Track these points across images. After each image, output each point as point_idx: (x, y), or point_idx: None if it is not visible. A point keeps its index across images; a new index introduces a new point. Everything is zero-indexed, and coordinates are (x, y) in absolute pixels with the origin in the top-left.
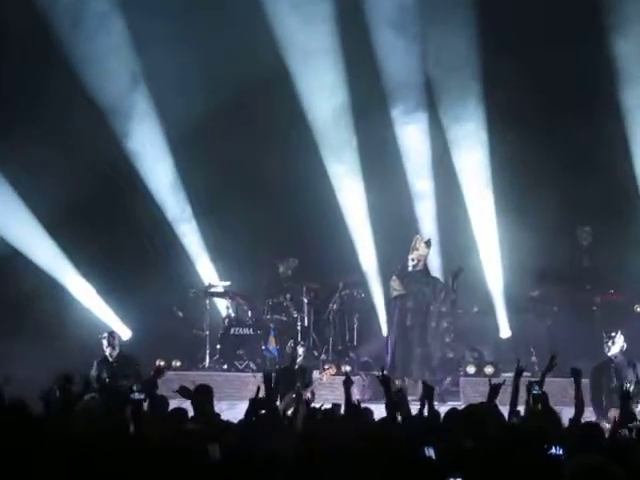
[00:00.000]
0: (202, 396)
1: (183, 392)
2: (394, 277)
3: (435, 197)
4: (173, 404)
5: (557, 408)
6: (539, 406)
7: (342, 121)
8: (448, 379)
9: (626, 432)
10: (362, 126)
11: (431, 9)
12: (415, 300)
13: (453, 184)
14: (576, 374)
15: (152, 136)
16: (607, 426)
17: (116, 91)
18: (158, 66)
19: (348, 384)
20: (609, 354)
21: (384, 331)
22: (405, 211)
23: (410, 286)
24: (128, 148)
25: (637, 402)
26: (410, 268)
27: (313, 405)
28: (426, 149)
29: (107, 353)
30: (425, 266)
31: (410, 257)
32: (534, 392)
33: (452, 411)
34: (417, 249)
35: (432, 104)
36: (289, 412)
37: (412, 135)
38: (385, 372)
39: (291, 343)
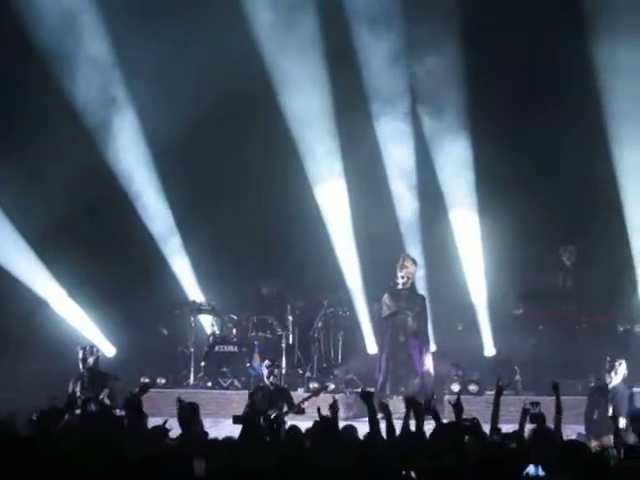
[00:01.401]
0: (187, 414)
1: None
2: (387, 295)
3: (420, 215)
4: (155, 422)
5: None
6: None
7: (326, 135)
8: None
9: (614, 452)
10: (347, 140)
11: (414, 13)
12: (404, 319)
13: (438, 202)
14: (555, 388)
15: (136, 151)
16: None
17: (99, 106)
18: (141, 81)
19: (335, 408)
20: (610, 385)
21: (369, 349)
22: (390, 229)
23: (400, 304)
24: (112, 163)
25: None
26: (400, 286)
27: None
28: (411, 164)
29: (80, 368)
30: (412, 284)
31: (400, 275)
32: (532, 412)
33: (435, 429)
34: (406, 267)
35: (416, 115)
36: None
37: (397, 150)
38: (370, 389)
39: (267, 363)
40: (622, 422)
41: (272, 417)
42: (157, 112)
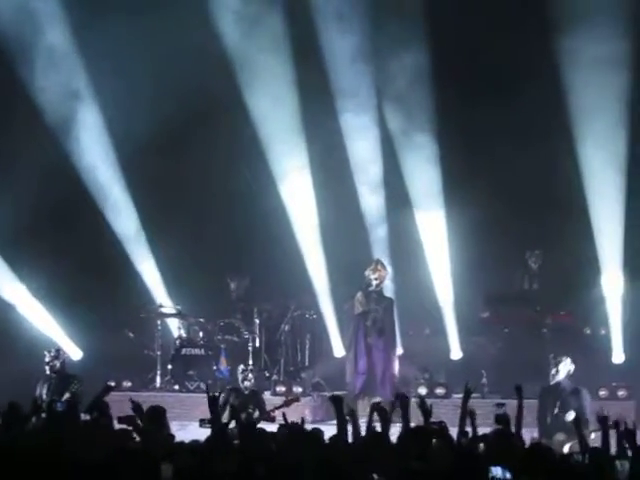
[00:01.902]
0: (153, 417)
1: (136, 408)
2: (360, 293)
3: (386, 215)
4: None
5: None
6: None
7: (292, 133)
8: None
9: (579, 457)
10: (313, 137)
11: (380, 11)
12: (374, 320)
13: (404, 201)
14: (518, 391)
15: (101, 152)
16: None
17: (63, 106)
18: (107, 83)
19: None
20: (552, 382)
21: (336, 352)
22: (357, 232)
23: (371, 305)
24: (77, 164)
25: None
26: (373, 287)
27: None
28: (377, 162)
29: (47, 371)
30: (381, 288)
31: (373, 277)
32: (498, 413)
33: (402, 432)
34: (379, 270)
35: (381, 112)
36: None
37: (363, 147)
38: (340, 392)
39: (242, 367)
40: (570, 416)
41: (244, 421)
42: (121, 112)
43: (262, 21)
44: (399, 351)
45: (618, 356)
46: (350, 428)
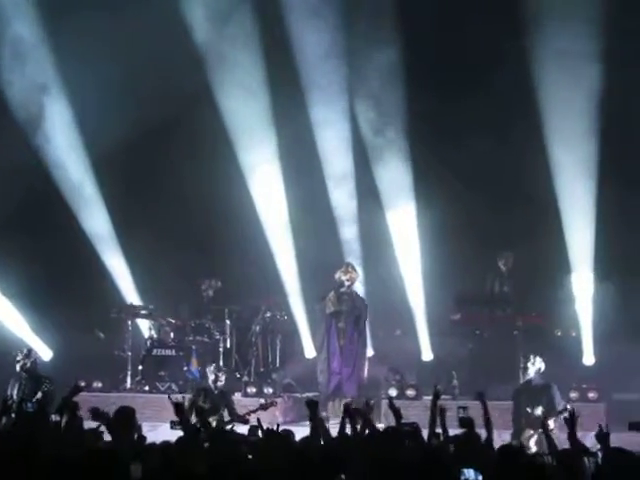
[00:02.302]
0: (123, 418)
1: (96, 414)
2: (333, 293)
3: (358, 215)
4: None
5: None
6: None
7: (264, 133)
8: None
9: (548, 458)
10: (283, 136)
11: (352, 8)
12: (345, 321)
13: (376, 202)
14: (480, 396)
15: (72, 151)
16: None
17: (32, 101)
18: (77, 79)
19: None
20: (522, 381)
21: (307, 353)
22: (328, 231)
23: (342, 307)
24: (48, 163)
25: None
26: (345, 288)
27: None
28: (348, 161)
29: (18, 371)
30: (352, 289)
31: (345, 278)
32: (461, 415)
33: (373, 433)
34: (350, 273)
35: (353, 109)
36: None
37: (335, 146)
38: (313, 394)
39: (212, 368)
40: (538, 411)
41: (215, 424)
42: (92, 109)
43: (233, 16)
44: (370, 353)
45: (588, 358)
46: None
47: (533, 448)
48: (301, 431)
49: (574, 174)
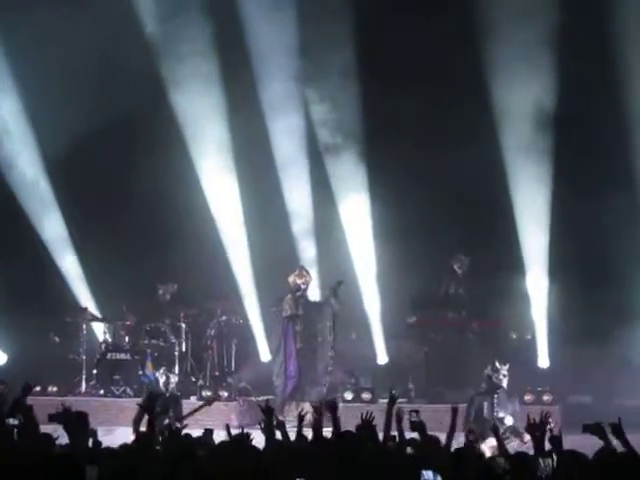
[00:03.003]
0: (77, 422)
1: (55, 418)
2: (290, 296)
3: (314, 221)
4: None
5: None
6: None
7: (218, 135)
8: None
9: (502, 461)
10: (240, 140)
11: (307, 10)
12: (304, 324)
13: (332, 209)
14: (454, 411)
15: (27, 153)
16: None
17: None
18: (32, 85)
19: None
20: (494, 385)
21: (262, 356)
22: (283, 237)
23: (298, 310)
24: (1, 166)
25: (510, 438)
26: (300, 292)
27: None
28: (305, 168)
29: None
30: (306, 293)
31: (300, 282)
32: (412, 419)
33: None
34: (304, 276)
35: (308, 111)
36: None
37: (290, 149)
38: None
39: (163, 370)
40: (509, 421)
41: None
42: (47, 115)
43: (185, 8)
44: (330, 354)
45: (543, 360)
46: (279, 434)
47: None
48: (257, 434)
49: (528, 176)
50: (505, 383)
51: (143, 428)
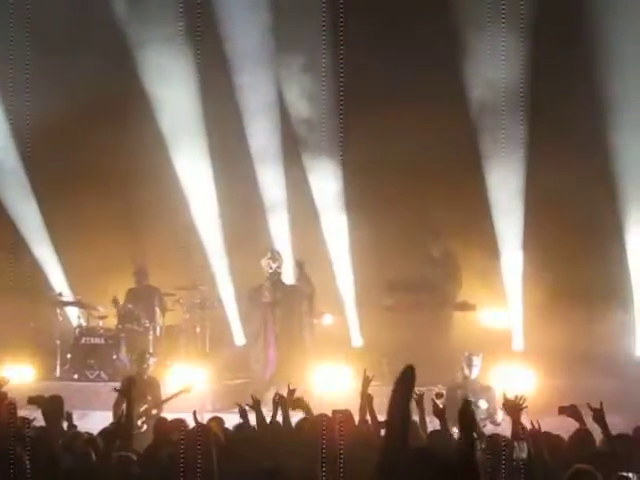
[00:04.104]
0: (53, 407)
1: (34, 401)
2: (267, 282)
3: (287, 204)
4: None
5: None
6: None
7: (194, 127)
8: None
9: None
10: (213, 130)
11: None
12: (282, 309)
13: (306, 193)
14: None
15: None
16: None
17: None
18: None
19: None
20: (467, 375)
21: (236, 340)
22: (257, 219)
23: (277, 295)
24: None
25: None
26: (275, 277)
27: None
28: (277, 153)
29: None
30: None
31: (275, 265)
32: (436, 403)
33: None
34: (277, 259)
35: (284, 103)
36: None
37: (262, 128)
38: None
39: (144, 354)
40: (484, 405)
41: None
42: (22, 96)
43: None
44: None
45: (518, 344)
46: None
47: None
48: (230, 419)
49: (502, 155)
50: (475, 374)
51: None
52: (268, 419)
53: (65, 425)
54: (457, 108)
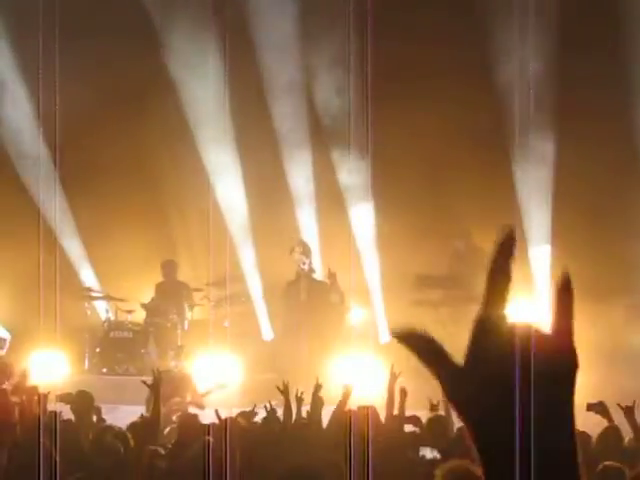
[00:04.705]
0: (82, 401)
1: (63, 399)
2: (302, 278)
3: (315, 199)
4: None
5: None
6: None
7: (221, 122)
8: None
9: None
10: (242, 130)
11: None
12: (314, 304)
13: (333, 186)
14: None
15: (29, 127)
16: None
17: None
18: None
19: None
20: None
21: (264, 335)
22: (284, 213)
23: (309, 290)
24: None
25: None
26: (306, 270)
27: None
28: (304, 144)
29: None
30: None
31: (307, 260)
32: None
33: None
34: (308, 254)
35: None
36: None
37: (290, 117)
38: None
39: (173, 348)
40: None
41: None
42: (51, 90)
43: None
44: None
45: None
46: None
47: None
48: (258, 413)
49: (530, 150)
50: None
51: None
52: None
53: (94, 419)
54: (485, 99)
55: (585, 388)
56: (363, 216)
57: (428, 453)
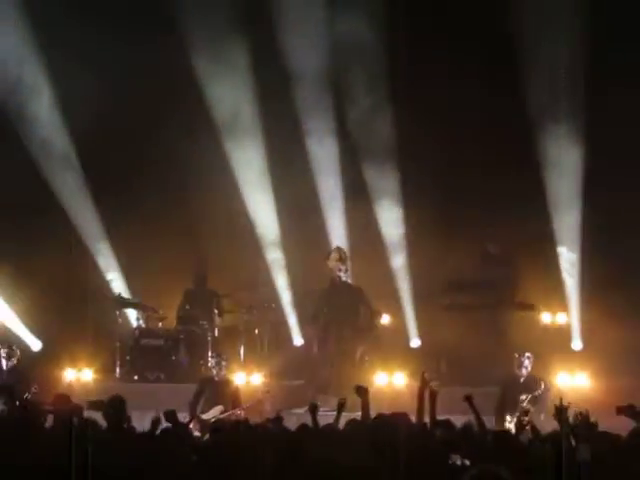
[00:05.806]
0: (114, 408)
1: (94, 406)
2: (331, 285)
3: (344, 205)
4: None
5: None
6: None
7: (251, 123)
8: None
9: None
10: (272, 136)
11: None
12: (349, 310)
13: (362, 192)
14: (469, 399)
15: (54, 133)
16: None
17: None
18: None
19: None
20: (519, 374)
21: (295, 341)
22: (316, 223)
23: (342, 298)
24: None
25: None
26: (343, 278)
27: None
28: (334, 151)
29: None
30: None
31: (343, 268)
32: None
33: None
34: (343, 260)
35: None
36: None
37: (317, 125)
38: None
39: (214, 357)
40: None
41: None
42: (78, 95)
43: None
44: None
45: (577, 343)
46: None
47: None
48: (289, 419)
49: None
50: (524, 372)
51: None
52: (329, 420)
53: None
54: (519, 104)
55: (615, 391)
56: (393, 221)
57: (458, 460)
